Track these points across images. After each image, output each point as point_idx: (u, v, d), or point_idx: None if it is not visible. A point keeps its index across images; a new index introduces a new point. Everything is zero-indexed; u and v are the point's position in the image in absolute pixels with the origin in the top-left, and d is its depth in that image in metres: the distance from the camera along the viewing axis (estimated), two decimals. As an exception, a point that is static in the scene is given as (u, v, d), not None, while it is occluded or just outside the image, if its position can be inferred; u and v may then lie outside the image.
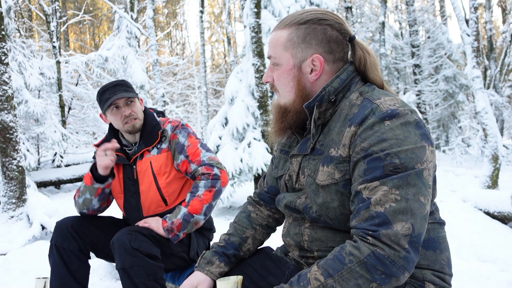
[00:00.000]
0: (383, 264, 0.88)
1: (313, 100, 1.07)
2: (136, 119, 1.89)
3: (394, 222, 0.89)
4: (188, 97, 23.97)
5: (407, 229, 0.89)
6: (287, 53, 1.09)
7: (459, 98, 13.98)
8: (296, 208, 1.13)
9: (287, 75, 1.10)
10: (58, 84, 10.15)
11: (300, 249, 1.15)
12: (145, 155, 1.91)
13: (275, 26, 1.14)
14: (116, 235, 1.69)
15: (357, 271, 0.89)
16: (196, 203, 1.80)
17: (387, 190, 0.91)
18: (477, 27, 6.77)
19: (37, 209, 4.62)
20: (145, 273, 1.64)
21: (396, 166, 0.92)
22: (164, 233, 1.78)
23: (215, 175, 1.84)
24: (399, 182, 0.91)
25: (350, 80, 1.09)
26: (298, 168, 1.15)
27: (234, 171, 6.73)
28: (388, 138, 0.94)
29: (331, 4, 9.67)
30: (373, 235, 0.89)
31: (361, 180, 0.95)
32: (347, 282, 0.89)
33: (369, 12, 17.10)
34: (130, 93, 1.87)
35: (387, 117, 0.96)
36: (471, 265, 2.82)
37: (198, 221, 1.81)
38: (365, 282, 0.88)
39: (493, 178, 6.49)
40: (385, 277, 0.88)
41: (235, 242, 1.28)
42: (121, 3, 17.21)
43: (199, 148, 1.90)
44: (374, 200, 0.91)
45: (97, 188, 1.87)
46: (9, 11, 7.68)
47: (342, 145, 1.02)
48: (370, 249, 0.89)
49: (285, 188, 1.22)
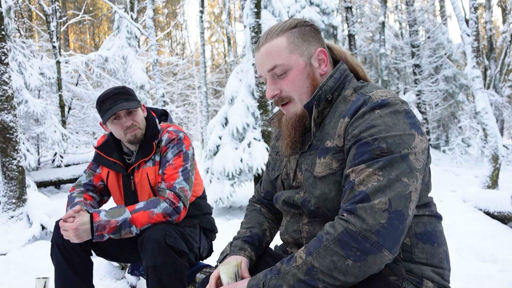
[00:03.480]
0: (355, 240, 0.88)
1: (312, 100, 1.10)
2: (137, 129, 1.84)
3: (373, 198, 0.90)
4: (188, 97, 23.97)
5: (384, 203, 0.89)
6: (295, 54, 1.10)
7: (459, 98, 13.99)
8: (295, 203, 1.14)
9: (301, 75, 1.11)
10: (58, 84, 10.16)
11: (299, 246, 1.16)
12: (141, 166, 1.89)
13: (262, 41, 1.13)
14: (149, 231, 1.67)
15: (331, 248, 0.91)
16: (144, 217, 1.70)
17: (371, 171, 0.93)
18: (477, 27, 6.77)
19: (37, 209, 4.63)
20: (173, 272, 1.64)
21: (383, 150, 0.94)
22: (89, 228, 1.64)
23: (178, 208, 1.76)
24: (384, 164, 0.93)
25: (344, 79, 1.13)
26: (295, 165, 1.17)
27: (234, 171, 6.73)
28: (377, 124, 0.97)
29: (331, 4, 9.69)
30: (349, 210, 0.91)
31: (350, 165, 0.98)
32: (323, 259, 0.91)
33: (369, 12, 17.10)
34: (131, 103, 1.80)
35: (377, 107, 1.00)
36: (471, 265, 2.82)
37: (131, 233, 1.70)
38: (340, 259, 0.89)
39: (493, 178, 6.49)
40: (360, 254, 0.88)
41: (258, 233, 1.29)
42: (121, 3, 17.22)
43: (178, 173, 1.82)
44: (358, 180, 0.93)
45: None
46: (9, 11, 7.68)
47: (337, 136, 1.04)
48: (343, 226, 0.91)
49: (282, 187, 1.23)
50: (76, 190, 2.00)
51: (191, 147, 1.92)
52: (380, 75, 13.06)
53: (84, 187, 2.01)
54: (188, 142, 1.91)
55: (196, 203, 2.02)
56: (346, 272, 0.89)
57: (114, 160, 1.92)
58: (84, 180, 2.03)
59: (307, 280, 0.92)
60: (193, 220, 1.97)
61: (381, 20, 12.85)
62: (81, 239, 1.65)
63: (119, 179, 1.96)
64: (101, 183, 2.03)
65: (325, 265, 0.91)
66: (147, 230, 1.69)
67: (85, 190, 2.00)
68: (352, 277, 0.90)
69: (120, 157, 1.94)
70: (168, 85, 21.60)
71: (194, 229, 1.93)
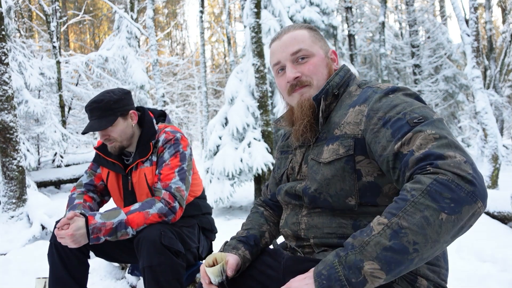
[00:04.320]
0: (449, 189, 0.79)
1: (320, 93, 1.15)
2: (113, 143, 1.86)
3: (445, 153, 0.84)
4: (188, 97, 23.98)
5: (460, 156, 0.83)
6: (316, 45, 1.20)
7: (459, 98, 13.98)
8: (296, 192, 1.15)
9: (321, 62, 1.19)
10: (58, 84, 10.16)
11: (297, 238, 1.17)
12: (139, 166, 1.90)
13: (284, 32, 1.22)
14: (144, 232, 1.67)
15: (421, 203, 0.80)
16: (139, 217, 1.70)
17: (423, 134, 0.88)
18: (477, 27, 6.77)
19: (37, 209, 4.63)
20: (170, 271, 1.64)
21: (418, 118, 0.93)
22: (85, 232, 1.64)
23: (173, 208, 1.76)
24: (429, 126, 0.90)
25: (348, 77, 1.21)
26: (301, 158, 1.19)
27: (234, 171, 6.73)
28: (398, 103, 0.99)
29: (331, 4, 9.68)
30: (432, 165, 0.83)
31: (394, 141, 0.93)
32: (413, 216, 0.79)
33: (369, 12, 17.11)
34: (102, 121, 1.80)
35: (390, 92, 1.04)
36: (471, 265, 2.81)
37: (127, 235, 1.69)
38: (433, 213, 0.78)
39: (493, 178, 6.49)
40: (454, 206, 0.78)
41: (255, 234, 1.29)
42: (121, 3, 17.22)
43: (174, 173, 1.82)
44: (416, 147, 0.88)
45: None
46: (9, 11, 7.68)
47: (346, 124, 1.06)
48: (432, 178, 0.81)
49: (287, 181, 1.25)
50: (77, 191, 2.00)
51: (188, 148, 1.92)
52: (380, 75, 13.06)
53: (85, 187, 2.02)
54: (186, 143, 1.91)
55: (195, 203, 2.02)
56: (440, 229, 0.78)
57: (112, 160, 1.93)
58: (85, 180, 2.04)
59: (395, 246, 0.79)
60: (191, 220, 1.97)
61: (381, 20, 12.86)
62: (78, 243, 1.65)
63: (119, 179, 1.96)
64: (102, 183, 2.04)
65: (415, 222, 0.79)
66: (143, 231, 1.69)
67: (85, 191, 2.01)
68: (445, 235, 0.79)
69: (119, 157, 1.95)
70: (168, 85, 21.60)
71: (192, 229, 1.93)
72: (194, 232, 1.94)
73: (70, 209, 1.86)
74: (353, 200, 1.03)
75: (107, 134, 1.84)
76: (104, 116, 1.81)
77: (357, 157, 1.03)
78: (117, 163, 1.92)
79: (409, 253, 0.79)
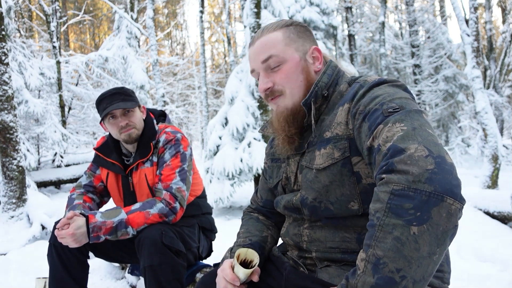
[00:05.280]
0: (408, 197, 0.72)
1: (309, 97, 1.07)
2: (132, 129, 1.85)
3: (406, 148, 0.77)
4: (188, 97, 23.97)
5: (421, 150, 0.76)
6: (290, 48, 1.10)
7: (459, 98, 13.98)
8: (294, 205, 1.10)
9: (295, 68, 1.09)
10: (58, 84, 10.16)
11: (299, 249, 1.13)
12: (139, 166, 1.90)
13: (257, 36, 1.13)
14: (145, 232, 1.67)
15: (387, 224, 0.73)
16: (140, 217, 1.70)
17: (391, 126, 0.84)
18: (477, 27, 6.77)
19: (37, 209, 4.63)
20: (171, 271, 1.64)
21: (394, 107, 0.88)
22: (86, 231, 1.64)
23: (174, 208, 1.76)
24: (401, 116, 0.85)
25: (336, 74, 1.13)
26: (296, 167, 1.12)
27: (234, 171, 6.73)
28: (380, 94, 0.94)
29: (331, 4, 9.68)
30: (386, 169, 0.77)
31: (368, 136, 0.88)
32: (384, 241, 0.73)
33: (369, 12, 17.11)
34: (128, 103, 1.82)
35: (375, 85, 0.99)
36: (471, 265, 2.82)
37: (127, 234, 1.69)
38: (402, 231, 0.71)
39: (493, 178, 6.49)
40: (421, 214, 0.71)
41: (258, 241, 1.22)
42: (121, 3, 17.21)
43: (175, 174, 1.82)
44: (382, 140, 0.83)
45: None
46: (9, 11, 7.67)
47: (337, 124, 1.01)
48: (387, 191, 0.75)
49: (283, 192, 1.20)
50: (76, 192, 2.00)
51: (189, 148, 1.92)
52: (380, 75, 13.05)
53: (85, 188, 2.02)
54: (186, 143, 1.91)
55: (195, 203, 2.02)
56: (417, 244, 0.70)
57: (112, 161, 1.93)
58: (85, 181, 2.03)
59: (379, 281, 0.72)
60: (192, 220, 1.97)
61: (381, 20, 12.86)
62: (79, 243, 1.65)
63: (119, 180, 1.96)
64: (101, 184, 2.04)
65: (389, 247, 0.72)
66: (144, 230, 1.69)
67: (85, 192, 2.01)
68: (427, 247, 0.71)
69: (119, 158, 1.94)
70: (168, 85, 21.60)
71: (192, 229, 1.93)
72: (195, 232, 1.94)
73: (69, 210, 1.86)
74: (356, 205, 0.98)
75: (128, 118, 1.84)
76: (127, 100, 1.84)
77: (353, 159, 0.97)
78: (117, 163, 1.92)
79: (397, 282, 0.71)
